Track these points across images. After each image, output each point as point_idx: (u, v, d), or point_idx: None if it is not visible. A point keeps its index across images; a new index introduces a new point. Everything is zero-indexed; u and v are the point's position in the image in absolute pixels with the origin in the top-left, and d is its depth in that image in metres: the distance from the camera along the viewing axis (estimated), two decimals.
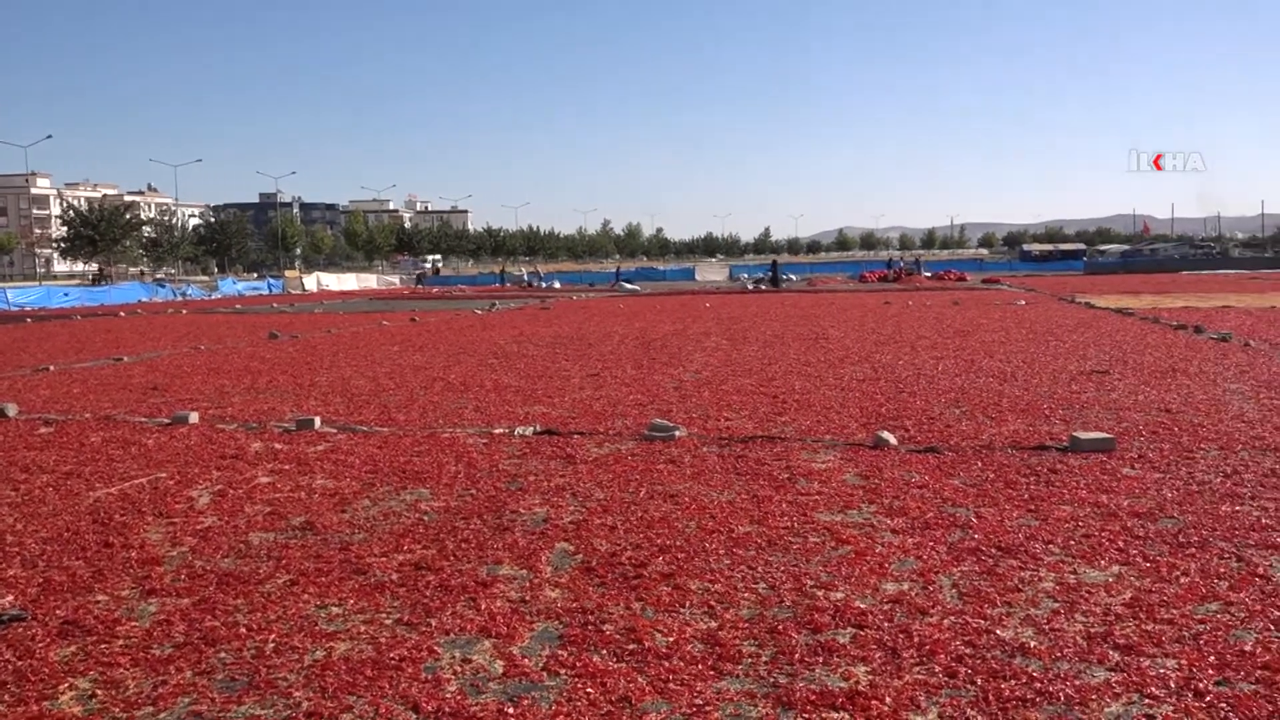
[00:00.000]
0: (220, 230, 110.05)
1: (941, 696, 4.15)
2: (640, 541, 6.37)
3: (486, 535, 6.58)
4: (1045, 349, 17.38)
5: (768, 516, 6.87)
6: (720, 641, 4.74)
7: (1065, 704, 4.06)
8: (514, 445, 9.60)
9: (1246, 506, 6.87)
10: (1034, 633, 4.79)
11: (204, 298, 59.46)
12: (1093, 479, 7.73)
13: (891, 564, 5.84)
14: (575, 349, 19.46)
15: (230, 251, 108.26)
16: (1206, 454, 8.54)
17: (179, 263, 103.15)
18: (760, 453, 8.99)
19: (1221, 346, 17.21)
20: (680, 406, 11.74)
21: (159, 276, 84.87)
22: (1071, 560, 5.84)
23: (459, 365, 16.81)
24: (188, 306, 46.96)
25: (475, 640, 4.86)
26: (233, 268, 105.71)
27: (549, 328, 25.69)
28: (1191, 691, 4.13)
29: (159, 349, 21.82)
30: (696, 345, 19.77)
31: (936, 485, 7.67)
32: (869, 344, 19.13)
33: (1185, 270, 71.11)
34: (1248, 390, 12.03)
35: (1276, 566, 5.64)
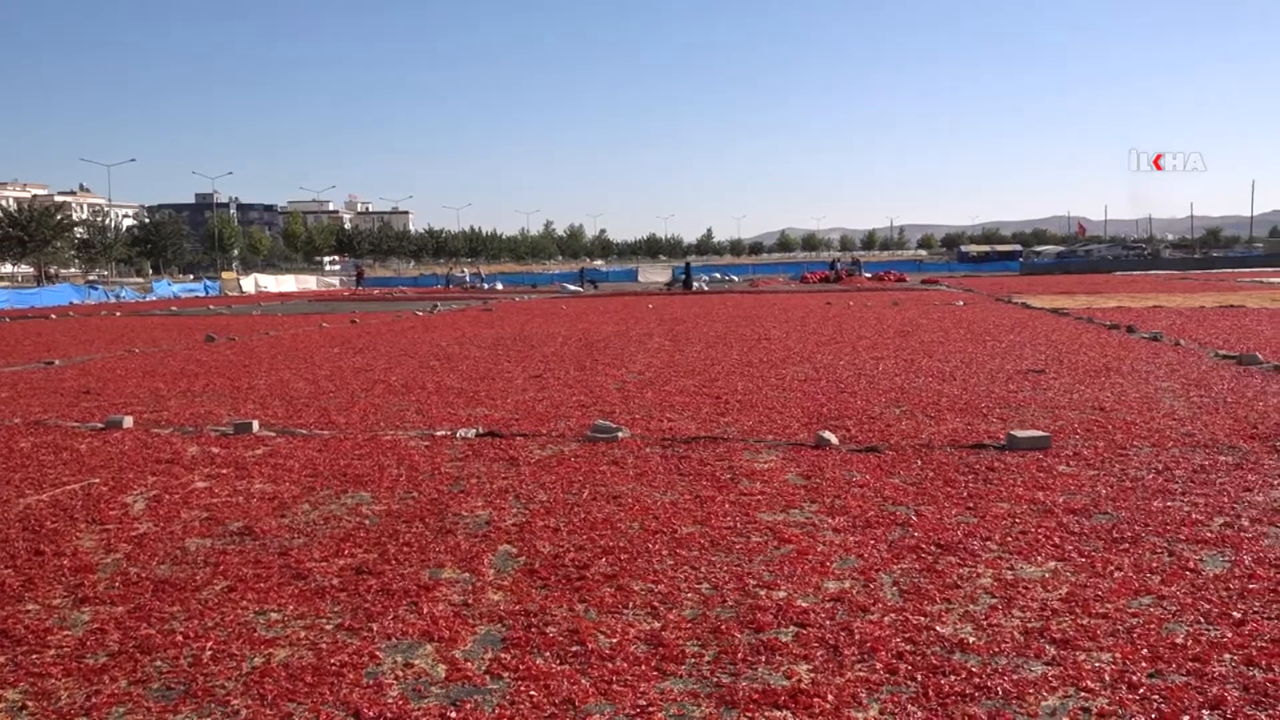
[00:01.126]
0: (155, 231, 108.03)
1: (882, 693, 4.19)
2: (583, 543, 6.36)
3: (429, 538, 6.54)
4: (983, 349, 17.63)
5: (711, 517, 6.89)
6: (663, 642, 4.75)
7: (1003, 698, 4.11)
8: (456, 447, 9.55)
9: (1177, 502, 7.03)
10: (973, 629, 4.85)
11: (138, 300, 58.40)
12: (1029, 476, 7.85)
13: (833, 562, 5.89)
14: (518, 350, 19.40)
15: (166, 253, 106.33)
16: (1139, 451, 8.71)
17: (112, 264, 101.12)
18: (703, 453, 9.02)
19: (1153, 346, 17.58)
20: (623, 407, 11.75)
21: (91, 279, 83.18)
22: (1009, 557, 5.93)
23: (400, 367, 16.68)
24: (121, 309, 46.08)
25: (417, 644, 4.82)
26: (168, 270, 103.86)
27: (491, 329, 25.57)
28: (1125, 684, 4.21)
29: (92, 352, 21.39)
30: (639, 346, 19.80)
31: (877, 484, 7.74)
32: (810, 344, 19.27)
33: (1118, 271, 72.51)
34: (1178, 388, 12.29)
35: (1207, 561, 5.77)
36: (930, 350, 17.55)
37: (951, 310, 29.49)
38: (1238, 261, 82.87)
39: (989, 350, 17.35)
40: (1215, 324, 22.06)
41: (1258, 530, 6.32)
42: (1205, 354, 15.92)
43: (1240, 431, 9.43)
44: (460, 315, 32.87)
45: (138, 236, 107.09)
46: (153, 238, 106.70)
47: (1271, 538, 6.16)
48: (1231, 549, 5.95)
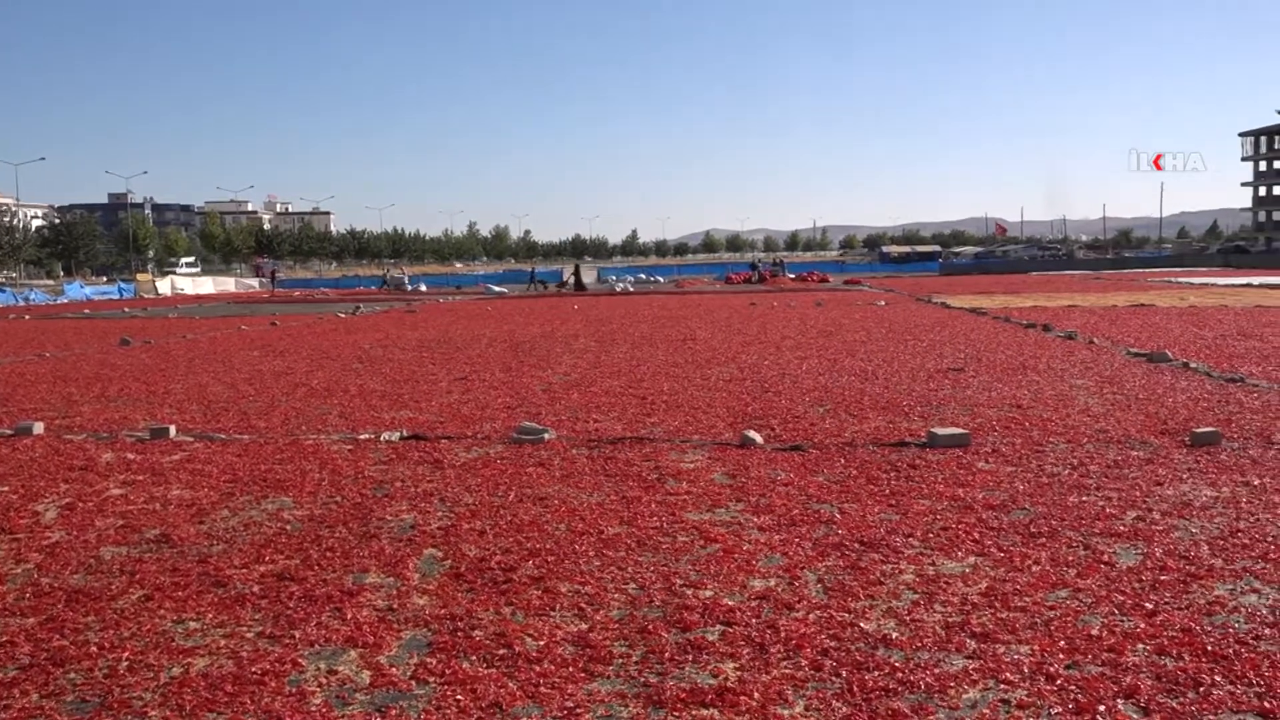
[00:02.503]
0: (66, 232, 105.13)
1: (808, 690, 4.23)
2: (510, 545, 6.33)
3: (352, 543, 6.46)
4: (904, 348, 17.90)
5: (637, 517, 6.90)
6: (591, 643, 4.75)
7: (926, 692, 4.18)
8: (380, 451, 9.44)
9: (1092, 496, 7.20)
10: (895, 624, 4.92)
11: (49, 302, 56.71)
12: (950, 473, 7.99)
13: (759, 561, 5.94)
14: (442, 352, 19.24)
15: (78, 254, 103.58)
16: (1055, 447, 8.92)
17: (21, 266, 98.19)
18: (629, 454, 9.03)
19: (1068, 344, 17.99)
20: (549, 409, 11.72)
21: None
22: (930, 552, 6.02)
23: (322, 370, 16.45)
24: (30, 311, 44.78)
25: (341, 651, 4.76)
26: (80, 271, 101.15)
27: (415, 331, 25.33)
28: (1044, 675, 4.30)
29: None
30: (565, 347, 19.76)
31: (801, 482, 7.82)
32: (735, 345, 19.40)
33: (1034, 271, 74.06)
34: (1092, 385, 12.60)
35: (1120, 554, 5.92)
36: (853, 350, 17.77)
37: (873, 310, 29.89)
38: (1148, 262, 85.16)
39: (910, 349, 17.61)
40: (1127, 323, 22.65)
41: (1168, 523, 6.50)
42: (1118, 352, 16.34)
43: (1151, 427, 9.70)
44: (383, 317, 32.51)
45: (48, 237, 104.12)
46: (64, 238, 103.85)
47: (1181, 530, 6.35)
48: (1144, 542, 6.12)
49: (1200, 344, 17.35)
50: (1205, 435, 8.91)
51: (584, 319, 28.85)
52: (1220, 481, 7.56)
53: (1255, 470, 7.90)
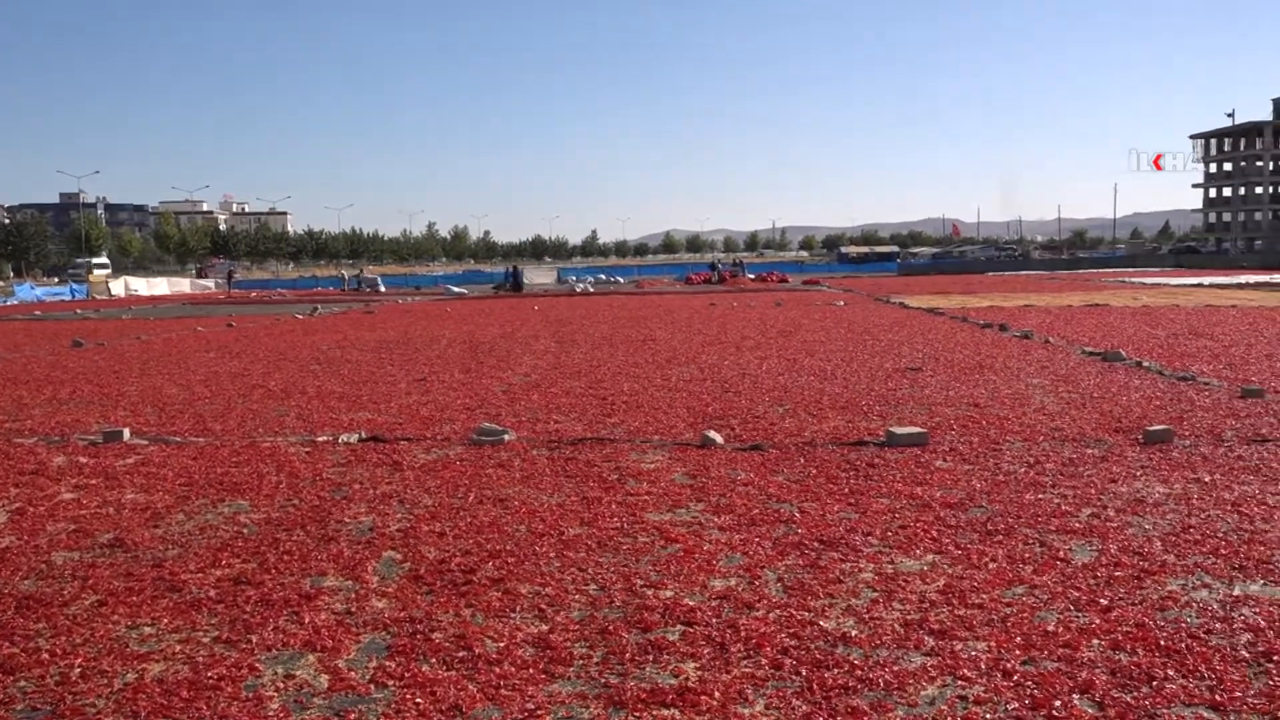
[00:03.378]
0: (16, 232, 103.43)
1: (768, 688, 4.25)
2: (470, 547, 6.30)
3: (310, 546, 6.40)
4: (863, 348, 18.01)
5: (598, 518, 6.90)
6: (551, 644, 4.74)
7: (885, 690, 4.21)
8: (338, 453, 9.37)
9: (1048, 494, 7.28)
10: (855, 622, 4.95)
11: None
12: (908, 472, 8.05)
13: (719, 561, 5.95)
14: (401, 353, 19.13)
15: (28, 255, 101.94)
16: (1011, 446, 9.01)
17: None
18: (590, 454, 9.02)
19: (1024, 343, 18.19)
20: (509, 410, 11.68)
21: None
22: (889, 551, 6.07)
23: (279, 372, 16.30)
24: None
25: (299, 655, 4.71)
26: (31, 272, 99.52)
27: (374, 332, 25.16)
28: (1000, 671, 4.35)
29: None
30: (525, 348, 19.71)
31: (761, 482, 7.85)
32: (695, 345, 19.44)
33: (991, 271, 74.76)
34: (1047, 384, 12.75)
35: (1076, 550, 5.99)
36: (812, 350, 17.86)
37: (832, 310, 30.06)
38: (1102, 262, 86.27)
39: (869, 349, 17.73)
40: (1082, 322, 22.93)
41: (1122, 520, 6.59)
42: (1073, 351, 16.54)
43: (1106, 425, 9.82)
44: (341, 318, 32.26)
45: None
46: (13, 239, 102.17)
47: (1135, 527, 6.44)
48: (1099, 539, 6.19)
49: (1153, 343, 17.60)
50: (1158, 433, 9.04)
51: (544, 320, 28.79)
52: (1172, 479, 7.67)
53: (1206, 467, 8.02)
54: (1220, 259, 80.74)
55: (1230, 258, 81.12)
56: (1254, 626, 4.78)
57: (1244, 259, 77.40)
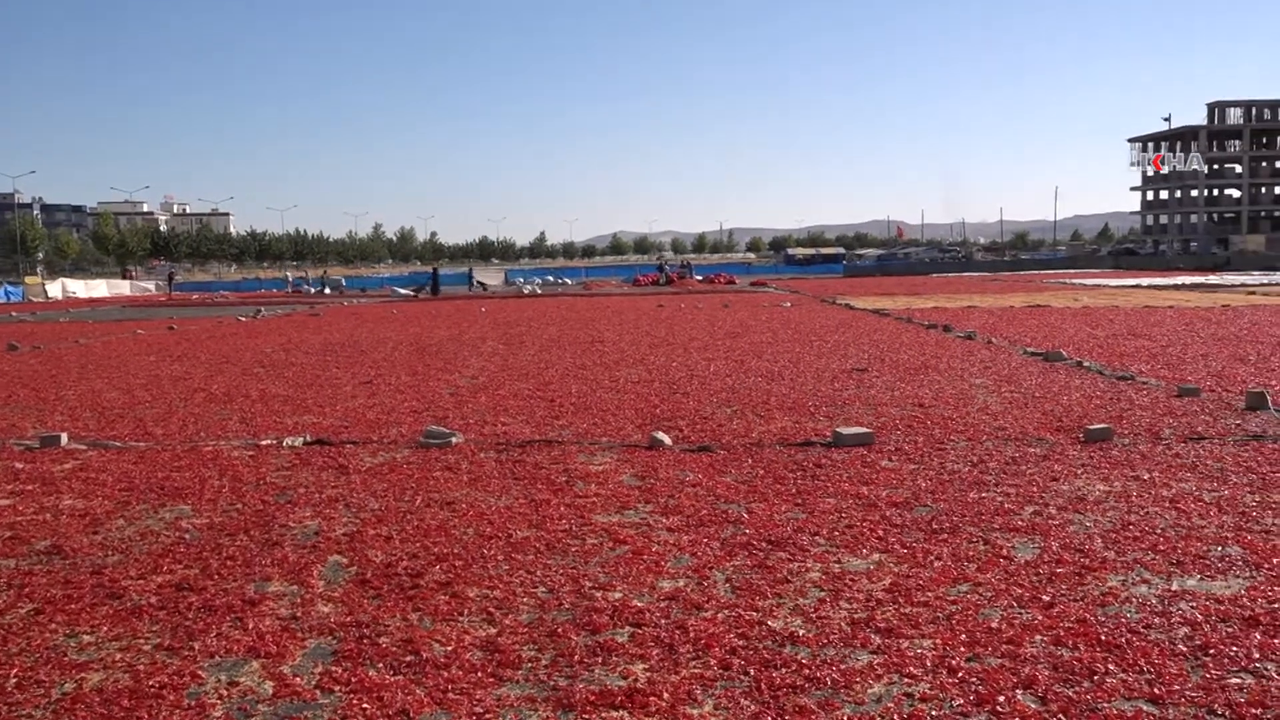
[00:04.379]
0: None
1: (717, 689, 4.26)
2: (417, 550, 6.26)
3: (254, 551, 6.32)
4: (809, 349, 18.14)
5: (546, 520, 6.88)
6: (500, 648, 4.72)
7: (832, 688, 4.24)
8: (283, 456, 9.26)
9: (991, 493, 7.38)
10: (802, 622, 4.98)
11: None
12: (854, 472, 8.12)
13: (667, 562, 5.96)
14: (347, 356, 18.95)
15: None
16: (956, 445, 9.12)
17: None
18: (538, 456, 9.00)
19: (967, 344, 18.42)
20: (457, 412, 11.62)
21: None
22: (836, 550, 6.11)
23: (222, 375, 16.08)
24: None
25: (243, 662, 4.65)
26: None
27: (319, 335, 24.91)
28: (946, 669, 4.39)
29: None
30: (473, 350, 19.61)
31: (710, 483, 7.87)
32: (643, 347, 19.46)
33: (935, 273, 75.59)
34: (990, 384, 12.92)
35: (1018, 548, 6.08)
36: (759, 351, 17.95)
37: (779, 312, 30.23)
38: (1043, 264, 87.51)
39: (815, 350, 17.85)
40: (1024, 323, 23.26)
41: (1064, 517, 6.70)
42: (1015, 352, 16.77)
43: (1047, 424, 9.97)
44: (286, 320, 31.90)
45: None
46: None
47: (1076, 524, 6.54)
48: (1041, 536, 6.29)
49: (1093, 343, 17.90)
50: (1098, 432, 9.20)
51: (492, 322, 28.67)
52: (1112, 476, 7.81)
53: (1145, 465, 8.17)
54: (1157, 261, 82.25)
55: (1167, 259, 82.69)
56: (1191, 621, 4.87)
57: (1180, 260, 78.94)
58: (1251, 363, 14.60)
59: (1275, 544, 6.03)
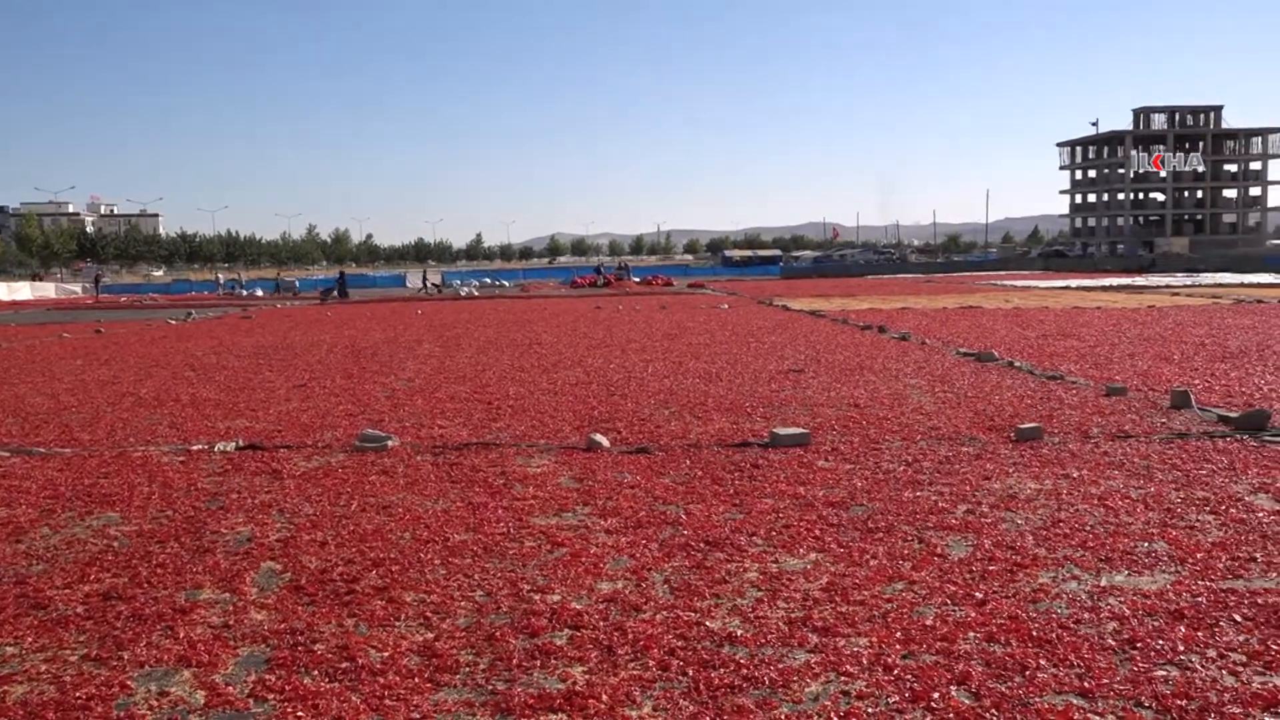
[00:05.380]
0: None
1: (655, 690, 4.27)
2: (352, 556, 6.19)
3: (185, 559, 6.21)
4: (747, 350, 18.23)
5: (484, 523, 6.84)
6: (437, 652, 4.68)
7: (770, 687, 4.27)
8: (214, 462, 9.11)
9: (926, 492, 7.47)
10: (740, 622, 5.01)
11: None
12: (791, 472, 8.18)
13: (606, 563, 5.96)
14: (280, 359, 18.69)
15: None
16: (890, 445, 9.22)
17: None
18: (475, 459, 8.95)
19: (902, 345, 18.64)
20: (393, 415, 11.51)
21: None
22: (773, 550, 6.15)
23: (151, 379, 15.77)
24: None
25: (173, 671, 4.57)
26: None
27: (251, 338, 24.54)
28: (881, 666, 4.44)
29: None
30: (409, 353, 19.45)
31: (648, 484, 7.88)
32: (581, 349, 19.43)
33: (870, 274, 76.35)
34: (925, 385, 13.08)
35: (952, 546, 6.16)
36: (697, 352, 18.01)
37: (716, 313, 30.35)
38: (975, 265, 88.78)
39: (752, 351, 17.95)
40: (956, 324, 23.59)
41: (996, 515, 6.80)
42: (948, 352, 17.01)
43: (980, 424, 10.13)
44: (217, 323, 31.39)
45: None
46: None
47: (1008, 522, 6.65)
48: (973, 534, 6.38)
49: (1024, 344, 18.21)
50: (1029, 431, 9.36)
51: (428, 324, 28.45)
52: (1043, 475, 7.95)
53: (1074, 463, 8.33)
54: (1086, 262, 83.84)
55: (1095, 261, 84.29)
56: (1119, 615, 4.98)
57: (1108, 262, 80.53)
58: (1176, 362, 14.95)
59: (1199, 539, 6.18)
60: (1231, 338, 18.57)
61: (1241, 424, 9.56)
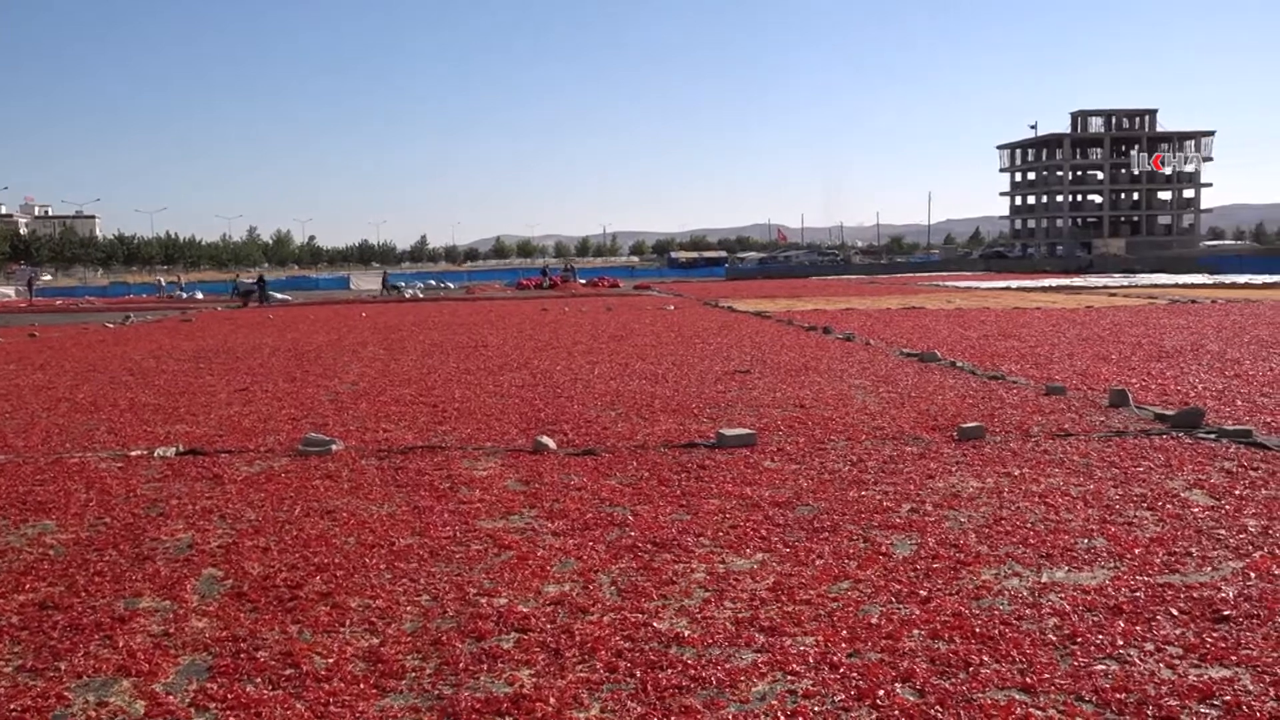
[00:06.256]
0: None
1: (603, 692, 4.26)
2: (296, 561, 6.12)
3: (124, 566, 6.10)
4: (693, 351, 18.29)
5: (429, 527, 6.80)
6: (383, 658, 4.64)
7: (717, 688, 4.28)
8: (154, 468, 8.96)
9: (870, 491, 7.54)
10: (688, 622, 5.02)
11: None
12: (738, 473, 8.21)
13: (553, 566, 5.95)
14: (221, 363, 18.42)
15: None
16: (836, 445, 9.29)
17: None
18: (421, 463, 8.88)
19: (846, 346, 18.80)
20: (337, 419, 11.40)
21: None
22: (720, 550, 6.18)
23: (88, 384, 15.46)
24: None
25: (112, 681, 4.49)
26: None
27: (191, 341, 24.16)
28: (828, 665, 4.48)
29: None
30: (353, 356, 19.27)
31: (595, 486, 7.88)
32: (527, 351, 19.37)
33: (815, 276, 76.84)
34: (868, 385, 13.20)
35: (897, 545, 6.23)
36: (643, 354, 18.03)
37: (663, 315, 30.41)
38: (918, 266, 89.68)
39: (698, 353, 18.01)
40: (900, 325, 23.84)
41: (939, 514, 6.88)
42: (892, 353, 17.18)
43: (923, 423, 10.24)
44: (156, 327, 30.88)
45: None
46: None
47: (951, 521, 6.73)
48: (918, 533, 6.45)
49: (965, 344, 18.45)
50: (971, 430, 9.48)
51: (372, 327, 28.20)
52: (985, 473, 8.06)
53: (1015, 462, 8.45)
54: (1026, 263, 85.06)
55: (1035, 262, 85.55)
56: (1060, 611, 5.06)
57: (1047, 263, 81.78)
58: (1113, 362, 15.23)
59: (1137, 535, 6.30)
60: (1167, 337, 18.96)
61: (1177, 422, 9.76)
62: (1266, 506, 6.90)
